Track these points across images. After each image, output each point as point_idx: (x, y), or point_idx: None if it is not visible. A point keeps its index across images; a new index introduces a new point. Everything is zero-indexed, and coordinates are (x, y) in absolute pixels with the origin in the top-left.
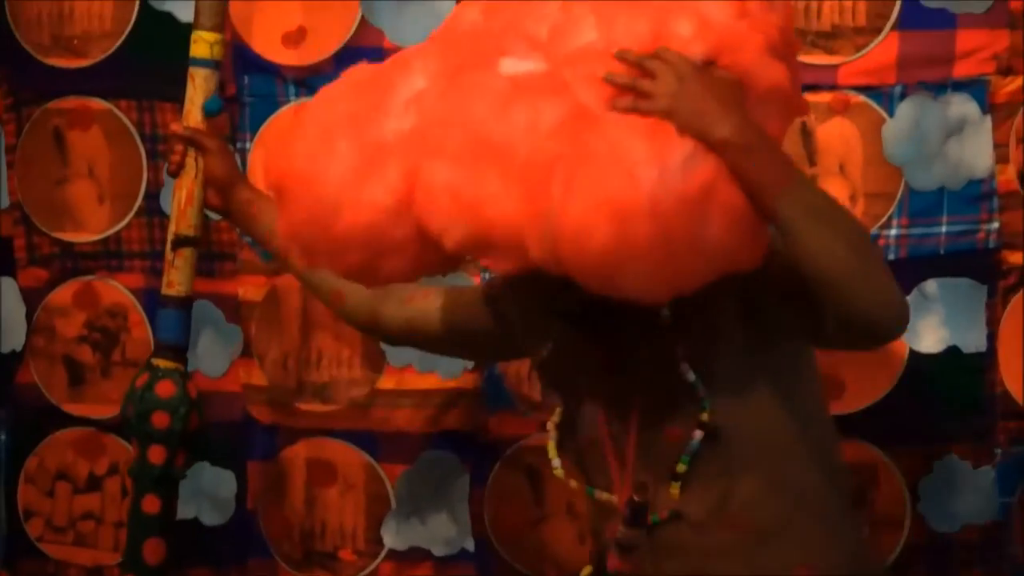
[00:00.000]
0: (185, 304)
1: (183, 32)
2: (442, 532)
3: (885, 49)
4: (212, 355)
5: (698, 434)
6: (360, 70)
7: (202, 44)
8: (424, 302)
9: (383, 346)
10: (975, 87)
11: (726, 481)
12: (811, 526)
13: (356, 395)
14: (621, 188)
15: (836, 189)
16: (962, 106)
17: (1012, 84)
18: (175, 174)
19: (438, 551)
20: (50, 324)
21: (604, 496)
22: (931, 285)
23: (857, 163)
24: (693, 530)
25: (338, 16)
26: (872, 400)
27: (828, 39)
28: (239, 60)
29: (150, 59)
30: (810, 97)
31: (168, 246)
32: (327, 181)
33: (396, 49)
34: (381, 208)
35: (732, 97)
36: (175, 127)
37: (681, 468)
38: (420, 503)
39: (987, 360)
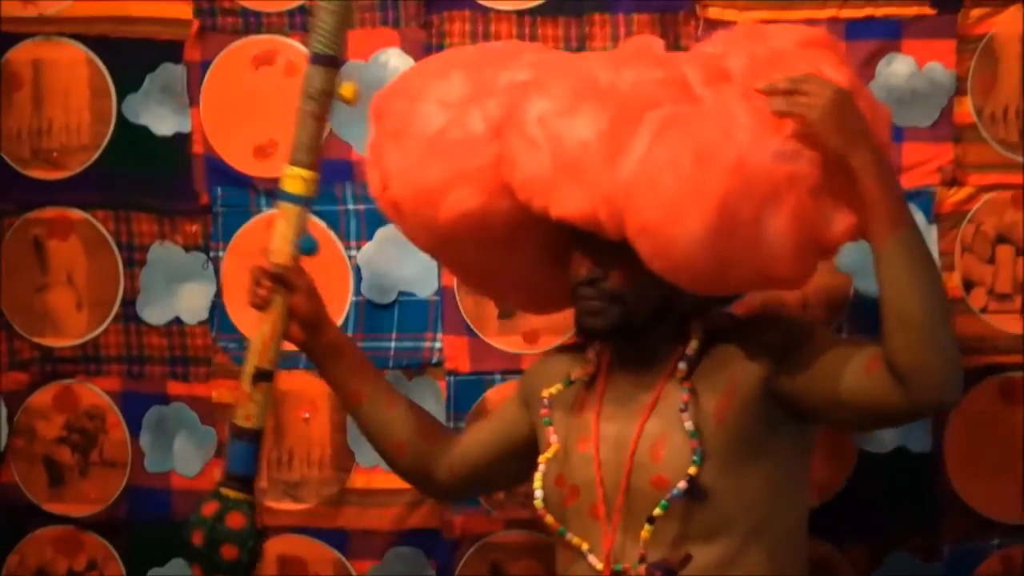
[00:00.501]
0: (256, 437)
1: (158, 145)
2: None
3: None
4: (187, 456)
5: (682, 484)
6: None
7: (297, 180)
8: (470, 433)
9: (351, 446)
10: (921, 198)
11: (697, 542)
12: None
13: (326, 494)
14: (713, 137)
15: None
16: None
17: (956, 195)
18: (261, 308)
19: None
20: (31, 426)
21: (575, 541)
22: None
23: None
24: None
25: None
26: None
27: None
28: (212, 171)
29: (126, 171)
30: None
31: (246, 379)
32: (433, 97)
33: (363, 161)
34: (472, 130)
35: (871, 129)
36: (263, 263)
37: (657, 512)
38: None
39: (934, 460)
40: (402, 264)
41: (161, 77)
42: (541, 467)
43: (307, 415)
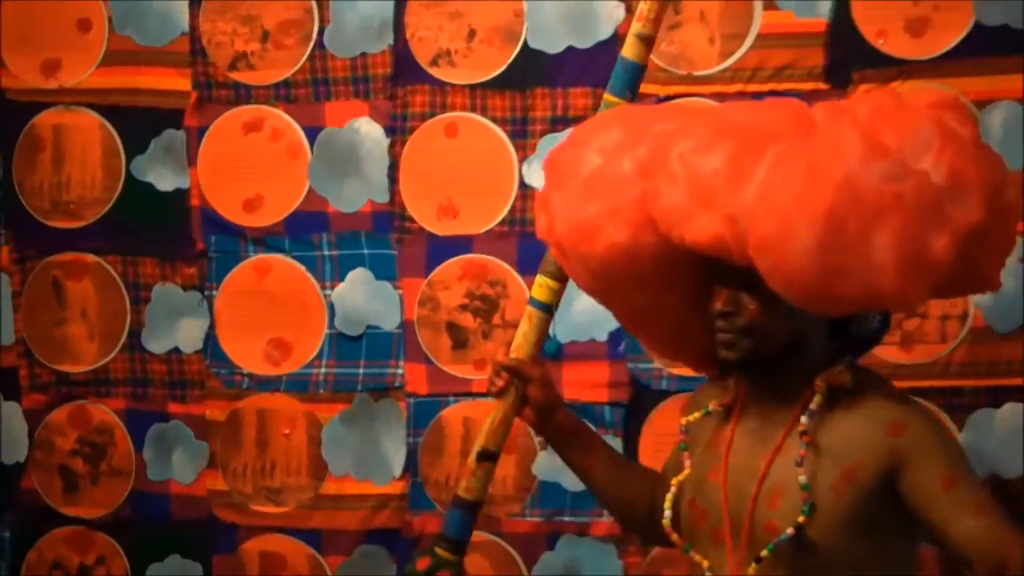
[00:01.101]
0: (473, 508)
1: (160, 199)
2: None
3: None
4: (183, 466)
5: (790, 531)
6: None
7: (544, 289)
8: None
9: (325, 458)
10: None
11: None
12: None
13: (303, 499)
14: (824, 157)
15: None
16: None
17: None
18: (497, 396)
19: None
20: (49, 440)
21: (697, 559)
22: None
23: None
24: None
25: (290, 187)
26: None
27: None
28: (207, 222)
29: (133, 221)
30: None
31: (473, 456)
32: (594, 145)
33: (339, 214)
34: (622, 170)
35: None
36: (501, 358)
37: (764, 553)
38: None
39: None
40: (370, 302)
41: (164, 141)
42: (673, 489)
43: (287, 431)
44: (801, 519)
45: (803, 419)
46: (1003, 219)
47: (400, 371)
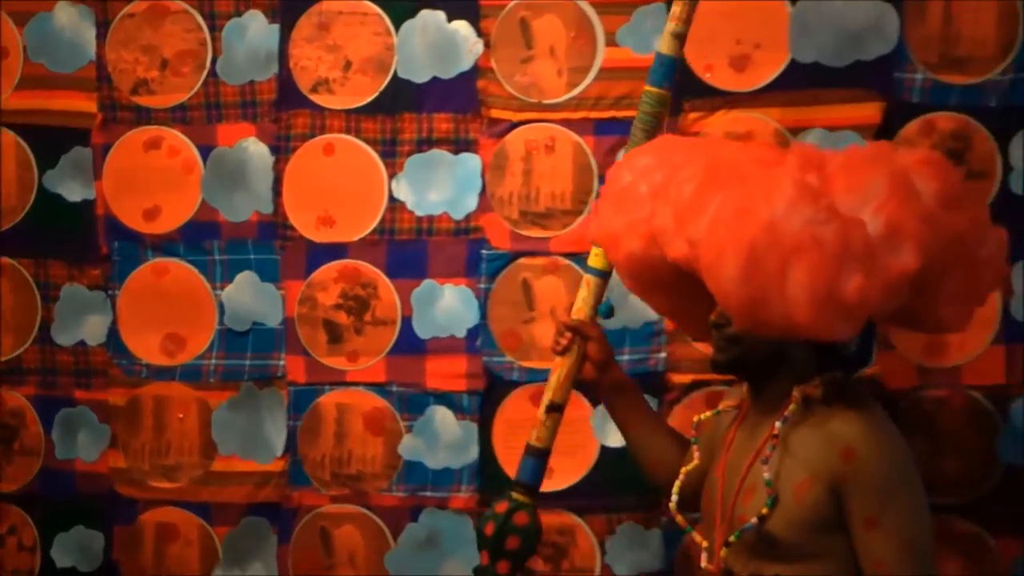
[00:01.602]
0: (544, 455)
1: (69, 209)
2: None
3: (583, 226)
4: (88, 446)
5: (753, 520)
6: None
7: (600, 258)
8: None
9: (215, 439)
10: None
11: (765, 562)
12: None
13: (195, 475)
14: (758, 198)
15: (544, 330)
16: None
17: None
18: (561, 354)
19: None
20: None
21: (697, 539)
22: None
23: (562, 307)
24: None
25: (185, 199)
26: (573, 481)
27: (543, 218)
28: (111, 229)
29: (44, 228)
30: (529, 261)
31: (542, 409)
32: (631, 167)
33: (228, 223)
34: (639, 191)
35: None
36: (565, 319)
37: (731, 539)
38: (241, 556)
39: None
40: (255, 301)
41: (72, 157)
42: (681, 477)
43: (181, 416)
44: (764, 511)
45: (777, 424)
46: (971, 271)
47: (282, 362)
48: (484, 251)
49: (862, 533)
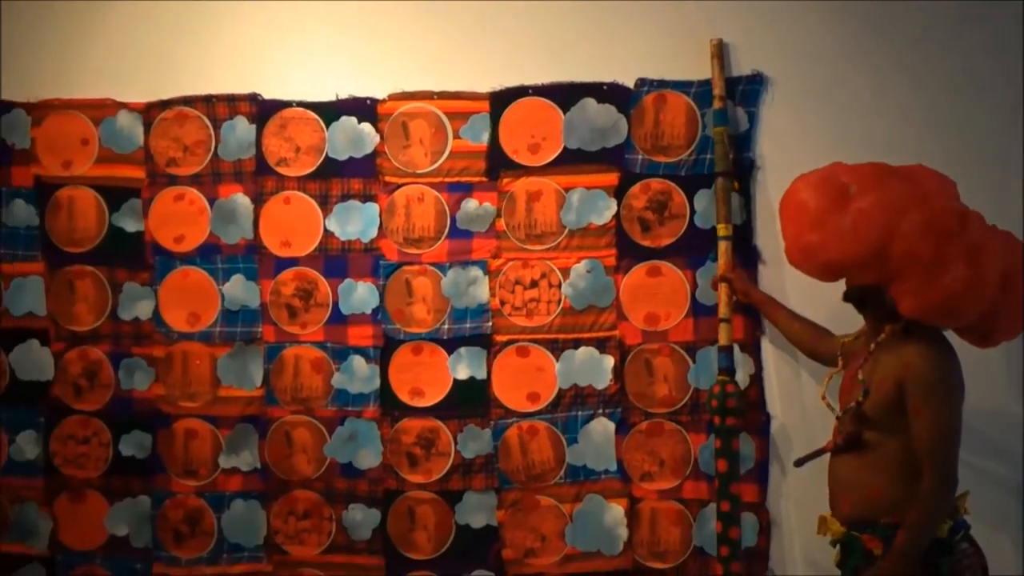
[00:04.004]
0: (730, 349)
1: (128, 237)
2: (247, 460)
3: (441, 247)
4: (140, 381)
5: (853, 405)
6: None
7: (724, 229)
8: (824, 342)
9: (219, 376)
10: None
11: (855, 436)
12: (887, 488)
13: (207, 398)
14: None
15: (419, 311)
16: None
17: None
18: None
19: (245, 468)
20: (65, 368)
21: (836, 414)
22: (462, 351)
23: (431, 296)
24: (841, 449)
25: (198, 230)
26: (438, 399)
27: (417, 242)
28: (153, 249)
29: (112, 249)
30: (409, 267)
31: (720, 319)
32: (803, 182)
33: (226, 244)
34: (818, 211)
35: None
36: (720, 273)
37: (840, 415)
38: (236, 448)
39: (488, 382)
40: (243, 292)
41: (129, 205)
42: (827, 380)
43: (199, 362)
44: (860, 398)
45: (871, 346)
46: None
47: (260, 329)
48: (382, 262)
49: (911, 418)
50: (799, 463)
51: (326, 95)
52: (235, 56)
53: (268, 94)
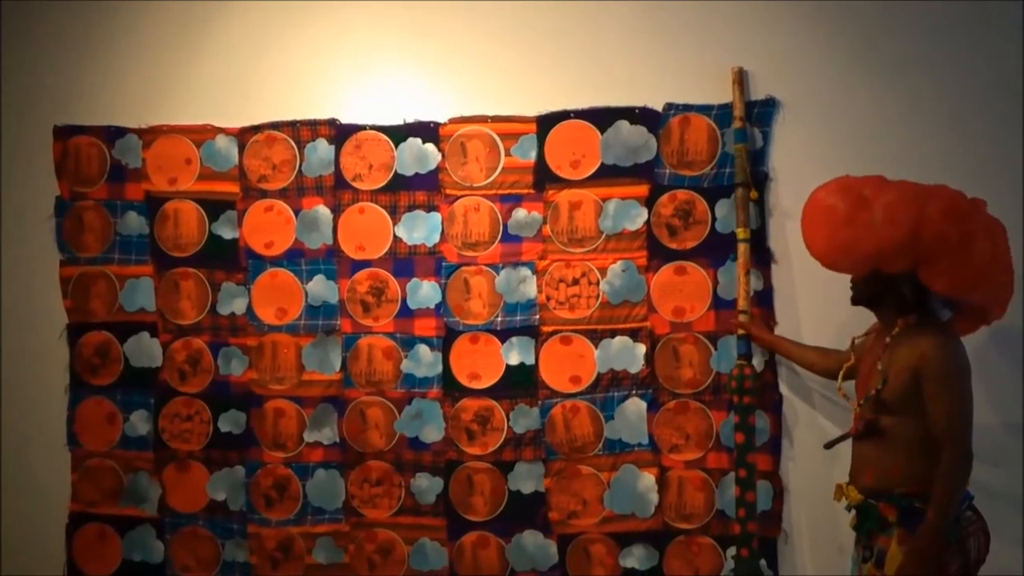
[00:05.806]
0: (747, 339)
1: (225, 243)
2: (328, 435)
3: (495, 249)
4: (236, 367)
5: (873, 392)
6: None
7: (744, 231)
8: (833, 360)
9: (303, 362)
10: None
11: (874, 423)
12: (904, 464)
13: (293, 382)
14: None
15: (476, 305)
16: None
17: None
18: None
19: (326, 442)
20: (172, 356)
21: (853, 406)
22: (513, 340)
23: (487, 292)
24: (862, 433)
25: (285, 237)
26: (493, 382)
27: (474, 246)
28: (247, 253)
29: (212, 253)
30: (467, 268)
31: (737, 326)
32: (824, 189)
33: (309, 249)
34: (836, 208)
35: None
36: (741, 323)
37: (861, 402)
38: (318, 425)
39: (536, 367)
40: (325, 290)
41: (227, 216)
42: (844, 369)
43: (286, 350)
44: (879, 387)
45: (887, 339)
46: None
47: (338, 322)
48: (443, 263)
49: (928, 402)
50: (828, 446)
51: (395, 119)
52: (316, 86)
53: (345, 119)
